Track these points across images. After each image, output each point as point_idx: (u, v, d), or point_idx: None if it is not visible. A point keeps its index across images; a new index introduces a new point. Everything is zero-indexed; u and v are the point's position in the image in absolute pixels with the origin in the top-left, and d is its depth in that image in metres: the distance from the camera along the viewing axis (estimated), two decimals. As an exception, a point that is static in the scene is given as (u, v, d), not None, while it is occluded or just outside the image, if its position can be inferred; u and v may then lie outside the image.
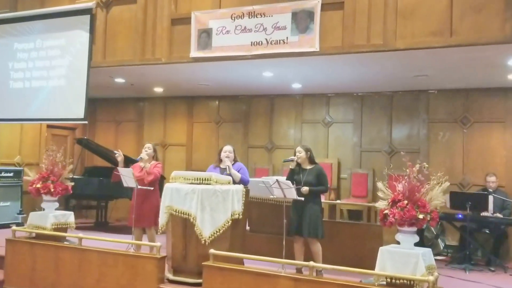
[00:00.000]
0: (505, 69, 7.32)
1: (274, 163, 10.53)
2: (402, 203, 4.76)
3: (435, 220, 4.76)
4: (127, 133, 12.04)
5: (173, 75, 8.93)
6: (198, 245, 5.69)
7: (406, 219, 4.69)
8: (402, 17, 6.45)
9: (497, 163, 8.74)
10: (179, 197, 5.82)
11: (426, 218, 4.71)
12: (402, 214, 4.69)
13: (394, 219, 4.75)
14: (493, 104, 8.87)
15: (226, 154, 6.45)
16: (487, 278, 7.02)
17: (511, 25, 5.85)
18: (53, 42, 8.70)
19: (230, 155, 6.46)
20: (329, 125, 10.20)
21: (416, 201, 4.76)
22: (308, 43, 6.76)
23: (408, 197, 4.81)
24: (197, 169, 10.67)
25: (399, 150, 9.48)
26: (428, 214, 4.72)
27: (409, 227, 4.75)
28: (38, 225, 6.68)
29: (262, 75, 8.49)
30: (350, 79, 8.75)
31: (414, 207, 4.72)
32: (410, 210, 4.70)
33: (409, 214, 4.68)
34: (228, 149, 6.52)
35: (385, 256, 4.83)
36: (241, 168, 6.46)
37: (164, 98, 11.54)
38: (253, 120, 10.86)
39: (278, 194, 6.10)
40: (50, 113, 8.62)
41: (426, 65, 7.31)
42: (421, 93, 9.39)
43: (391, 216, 4.76)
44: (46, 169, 6.81)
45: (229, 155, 6.45)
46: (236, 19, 7.22)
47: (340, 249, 6.93)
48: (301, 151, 6.46)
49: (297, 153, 6.47)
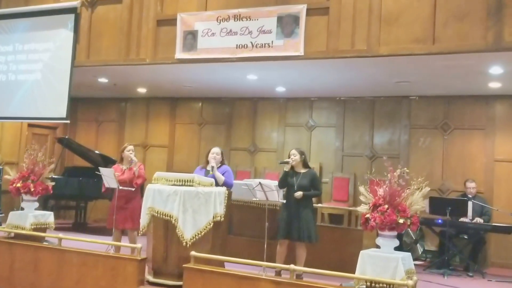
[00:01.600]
0: (486, 77, 7.42)
1: (256, 165, 10.55)
2: (383, 208, 4.80)
3: (416, 224, 4.82)
4: (108, 133, 11.96)
5: (158, 75, 8.91)
6: (179, 247, 5.68)
7: (386, 223, 4.74)
8: (386, 24, 6.52)
9: (477, 170, 8.84)
10: (161, 199, 5.81)
11: (407, 222, 4.76)
12: (382, 218, 4.74)
13: (375, 223, 4.79)
14: (474, 111, 8.98)
15: (213, 155, 6.46)
16: (465, 283, 7.11)
17: (493, 33, 5.93)
18: (37, 41, 8.63)
19: (217, 157, 6.47)
20: (312, 129, 10.24)
21: (396, 206, 4.81)
22: (293, 47, 6.80)
23: (389, 202, 4.86)
24: (179, 171, 10.62)
25: (380, 155, 9.54)
26: (408, 219, 4.77)
27: (389, 231, 4.80)
28: (17, 225, 6.60)
29: (246, 78, 8.51)
30: (333, 84, 8.80)
31: (395, 212, 4.77)
32: (391, 214, 4.74)
33: (389, 219, 4.73)
34: (216, 151, 6.53)
35: (365, 260, 4.87)
36: (226, 171, 6.47)
37: (146, 98, 11.49)
38: (236, 122, 10.86)
39: (260, 196, 6.12)
40: (31, 112, 8.54)
41: (409, 71, 7.39)
42: (403, 99, 9.47)
43: (372, 220, 4.81)
44: (27, 168, 6.73)
45: (216, 157, 6.46)
46: (222, 22, 7.23)
47: (321, 252, 6.95)
48: (295, 154, 6.46)
49: (291, 155, 6.46)
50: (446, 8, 6.26)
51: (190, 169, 10.70)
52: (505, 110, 8.78)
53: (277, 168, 10.37)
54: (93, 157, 9.99)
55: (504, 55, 6.09)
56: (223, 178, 6.32)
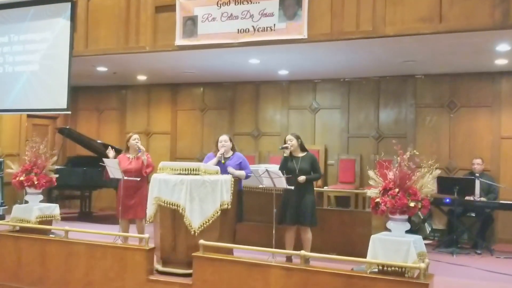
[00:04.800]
0: (493, 55, 7.34)
1: (260, 150, 10.49)
2: (393, 191, 4.73)
3: (427, 208, 4.75)
4: (109, 121, 11.90)
5: (158, 63, 8.79)
6: (187, 236, 5.66)
7: (397, 207, 4.66)
8: (391, 3, 6.37)
9: (484, 148, 8.82)
10: (167, 188, 5.76)
11: (417, 206, 4.69)
12: (393, 202, 4.66)
13: (386, 208, 4.71)
14: (480, 89, 8.92)
15: (221, 144, 6.39)
16: (474, 261, 7.13)
17: (500, 11, 5.81)
18: (33, 31, 8.46)
19: (226, 144, 6.40)
20: (316, 111, 10.16)
21: (407, 189, 4.73)
22: (296, 30, 6.66)
23: (399, 185, 4.78)
24: (182, 158, 10.70)
25: (386, 136, 9.52)
26: (419, 202, 4.70)
27: (400, 215, 4.73)
28: (22, 218, 6.53)
29: (248, 62, 8.40)
30: (337, 65, 8.70)
31: (406, 195, 4.69)
32: (402, 198, 4.67)
33: (400, 202, 4.65)
34: (224, 139, 6.46)
35: (376, 244, 4.81)
36: (241, 160, 6.40)
37: (147, 85, 11.39)
38: (238, 107, 10.77)
39: (267, 183, 6.06)
40: (31, 104, 8.44)
41: (415, 51, 7.28)
42: (408, 78, 9.40)
43: (383, 204, 4.73)
44: (29, 161, 6.65)
45: (225, 144, 6.40)
46: (222, 6, 7.08)
47: (329, 236, 6.94)
48: (292, 139, 6.45)
49: (288, 141, 6.45)
50: (452, -14, 6.13)
51: (194, 155, 10.81)
52: (510, 86, 8.69)
53: (281, 152, 10.30)
54: (95, 146, 9.92)
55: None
56: (244, 174, 6.27)
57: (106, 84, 11.51)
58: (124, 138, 11.62)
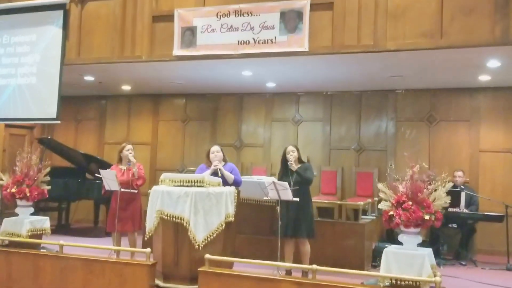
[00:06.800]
0: (480, 70, 7.52)
1: (243, 161, 10.44)
2: (408, 204, 4.77)
3: (440, 220, 4.81)
4: (87, 131, 11.62)
5: (151, 72, 8.66)
6: (190, 250, 5.53)
7: (412, 220, 4.71)
8: (392, 18, 6.49)
9: (463, 160, 9.00)
10: (170, 201, 5.62)
11: (432, 218, 4.74)
12: (408, 215, 4.70)
13: (401, 221, 4.75)
14: (458, 103, 9.12)
15: (214, 154, 6.30)
16: (462, 272, 7.21)
17: (501, 27, 5.99)
18: (23, 38, 8.25)
19: (218, 154, 6.31)
20: (299, 123, 10.20)
21: (420, 202, 4.79)
22: (297, 43, 6.69)
23: (412, 198, 4.84)
24: (162, 169, 10.53)
25: (367, 148, 9.65)
26: (433, 215, 4.76)
27: (415, 228, 4.77)
28: (13, 232, 6.31)
29: (241, 74, 8.38)
30: (321, 78, 8.77)
31: (420, 208, 4.74)
32: (416, 211, 4.72)
33: (415, 216, 4.70)
34: (216, 149, 6.36)
35: (389, 258, 4.83)
36: (233, 169, 6.33)
37: (128, 96, 11.19)
38: (221, 118, 10.71)
39: (273, 195, 6.01)
40: (18, 113, 8.15)
41: (407, 66, 7.40)
42: (389, 93, 9.54)
43: (397, 217, 4.77)
44: (21, 172, 6.43)
45: (217, 154, 6.30)
46: (222, 18, 7.05)
47: (322, 248, 6.90)
48: (294, 151, 6.42)
49: (290, 152, 6.40)
50: (452, 2, 6.28)
51: (174, 167, 10.68)
52: (488, 102, 8.93)
53: (264, 163, 10.34)
54: (76, 156, 9.66)
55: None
56: (233, 177, 6.19)
57: (86, 94, 11.24)
58: (102, 148, 11.62)
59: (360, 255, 7.11)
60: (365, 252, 7.16)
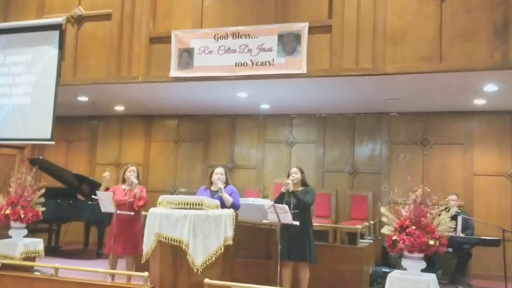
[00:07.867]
0: (476, 94, 7.57)
1: (235, 183, 10.23)
2: (411, 229, 4.74)
3: (444, 245, 4.78)
4: (78, 152, 11.50)
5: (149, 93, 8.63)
6: (189, 274, 5.42)
7: (417, 246, 4.67)
8: (391, 42, 6.53)
9: (457, 184, 9.00)
10: (169, 224, 5.52)
11: (436, 244, 4.71)
12: (413, 241, 4.67)
13: (405, 246, 4.71)
14: (452, 127, 9.17)
15: (217, 176, 6.24)
16: (461, 297, 7.18)
17: (500, 52, 6.05)
18: (18, 58, 8.17)
19: (222, 177, 6.25)
20: (292, 145, 10.18)
21: (424, 227, 4.76)
22: (295, 65, 6.71)
23: (415, 223, 4.81)
24: (154, 190, 10.43)
25: (361, 171, 9.63)
26: (437, 240, 4.73)
27: (419, 253, 4.74)
28: (6, 255, 6.17)
29: (235, 96, 8.36)
30: (318, 100, 8.77)
31: (424, 233, 4.71)
32: (420, 236, 4.68)
33: (419, 241, 4.67)
34: (220, 171, 6.31)
35: (394, 283, 4.80)
36: (233, 191, 6.26)
37: (120, 116, 11.11)
38: (213, 139, 10.67)
39: (272, 218, 5.94)
40: (11, 133, 8.04)
41: (405, 89, 7.43)
42: (383, 116, 9.58)
43: (401, 242, 4.73)
44: (15, 193, 6.31)
45: (221, 177, 6.24)
46: (220, 40, 7.06)
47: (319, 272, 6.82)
48: (297, 172, 6.33)
49: (293, 173, 6.32)
50: (452, 27, 6.34)
51: (167, 188, 10.59)
52: (482, 126, 8.99)
53: (257, 185, 10.28)
54: (68, 177, 9.53)
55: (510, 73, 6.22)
56: (231, 200, 6.11)
57: (77, 114, 11.15)
58: (94, 169, 11.48)
59: (359, 280, 7.03)
60: (363, 276, 7.09)
